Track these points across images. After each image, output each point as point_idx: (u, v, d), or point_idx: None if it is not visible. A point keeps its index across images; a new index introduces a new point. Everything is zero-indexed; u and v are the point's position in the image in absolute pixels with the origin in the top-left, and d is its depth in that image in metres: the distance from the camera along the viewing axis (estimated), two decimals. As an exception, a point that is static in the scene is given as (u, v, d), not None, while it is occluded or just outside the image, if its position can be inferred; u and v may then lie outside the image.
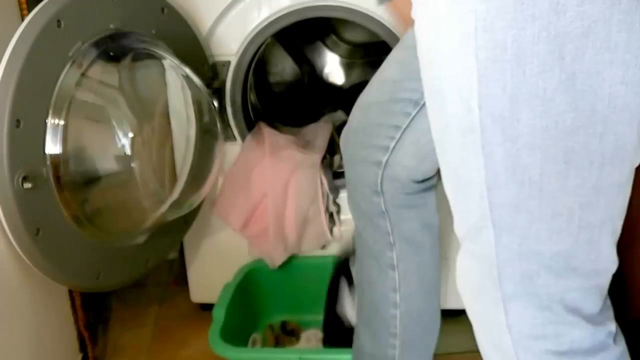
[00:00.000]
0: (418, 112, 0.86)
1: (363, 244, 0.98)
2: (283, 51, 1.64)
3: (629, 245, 1.00)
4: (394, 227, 0.93)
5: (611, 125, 0.55)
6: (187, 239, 1.38)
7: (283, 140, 1.32)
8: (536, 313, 0.62)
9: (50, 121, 0.93)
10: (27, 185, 0.89)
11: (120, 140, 1.09)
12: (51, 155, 0.93)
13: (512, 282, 0.62)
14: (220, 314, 1.19)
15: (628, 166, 0.58)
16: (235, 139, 1.31)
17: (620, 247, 0.63)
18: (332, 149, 1.38)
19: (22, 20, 0.92)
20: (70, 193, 0.96)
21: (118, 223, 1.10)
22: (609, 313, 0.66)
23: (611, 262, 0.63)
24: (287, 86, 1.66)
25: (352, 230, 1.04)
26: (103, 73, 1.05)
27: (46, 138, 0.93)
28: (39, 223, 0.91)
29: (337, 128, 1.43)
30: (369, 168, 0.90)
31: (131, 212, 1.15)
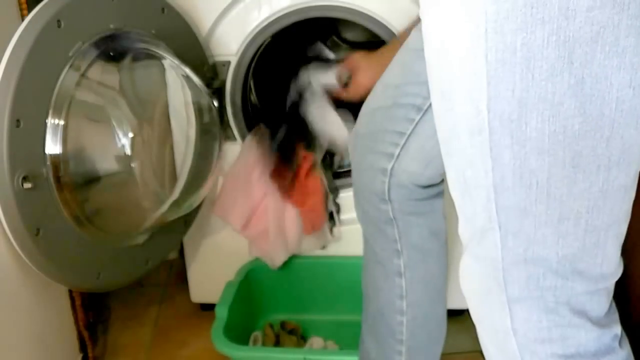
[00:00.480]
0: (421, 118, 0.86)
1: (370, 250, 0.98)
2: (283, 51, 1.64)
3: (632, 248, 1.00)
4: (402, 235, 0.92)
5: (618, 128, 0.55)
6: (187, 239, 1.38)
7: None
8: (542, 316, 0.62)
9: (50, 121, 0.93)
10: (27, 185, 0.88)
11: (120, 140, 1.09)
12: (51, 155, 0.93)
13: (518, 286, 0.62)
14: (223, 312, 1.19)
15: (634, 169, 0.59)
16: (235, 139, 1.31)
17: (623, 250, 0.63)
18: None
19: (22, 20, 0.92)
20: (70, 193, 0.96)
21: (118, 223, 1.10)
22: (615, 316, 0.66)
23: (617, 265, 0.63)
24: (287, 86, 1.66)
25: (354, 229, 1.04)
26: (103, 73, 1.05)
27: (46, 138, 0.93)
28: (39, 223, 0.91)
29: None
30: (376, 176, 0.90)
31: (131, 212, 1.15)
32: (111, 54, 1.05)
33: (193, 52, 1.20)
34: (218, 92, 1.26)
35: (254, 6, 1.21)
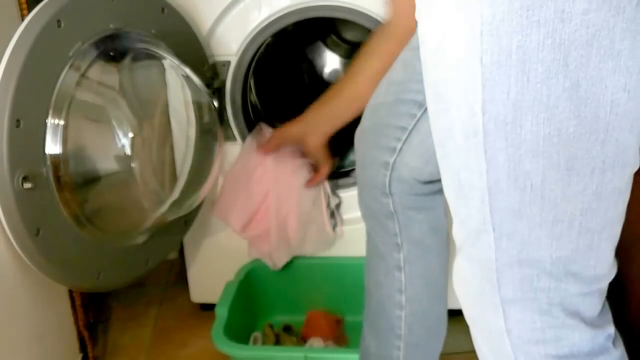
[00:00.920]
0: (423, 114, 0.86)
1: (371, 245, 0.98)
2: (283, 51, 1.64)
3: (629, 250, 1.00)
4: (402, 229, 0.93)
5: (612, 131, 0.55)
6: (187, 239, 1.38)
7: None
8: (535, 317, 0.62)
9: (50, 121, 0.93)
10: (27, 185, 0.88)
11: (120, 140, 1.09)
12: (51, 155, 0.93)
13: (512, 287, 0.62)
14: (223, 312, 1.19)
15: (628, 172, 0.59)
16: (235, 139, 1.31)
17: (619, 248, 0.63)
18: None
19: (22, 20, 0.92)
20: (70, 193, 0.96)
21: (118, 223, 1.10)
22: (608, 316, 0.66)
23: (610, 267, 0.63)
24: (287, 86, 1.66)
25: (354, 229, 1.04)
26: (103, 73, 1.05)
27: (46, 138, 0.93)
28: (39, 223, 0.91)
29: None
30: (378, 170, 0.90)
31: (131, 212, 1.15)
32: (111, 54, 1.05)
33: (193, 52, 1.20)
34: (218, 92, 1.26)
35: (254, 6, 1.21)
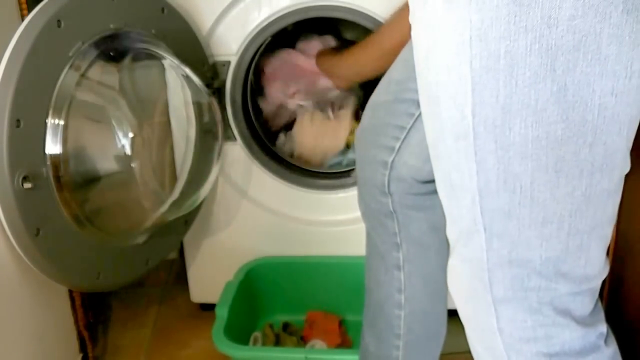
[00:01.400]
0: (421, 113, 0.86)
1: (371, 244, 0.99)
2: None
3: (628, 246, 1.00)
4: (402, 228, 0.93)
5: (600, 134, 0.56)
6: (187, 239, 1.38)
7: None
8: (527, 316, 0.63)
9: (50, 121, 0.93)
10: (27, 185, 0.89)
11: (120, 140, 1.09)
12: (51, 155, 0.93)
13: (503, 286, 0.63)
14: (223, 313, 1.19)
15: (617, 174, 0.60)
16: (235, 139, 1.31)
17: (620, 248, 0.64)
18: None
19: (22, 20, 0.92)
20: (70, 193, 0.96)
21: (118, 223, 1.10)
22: (600, 315, 0.66)
23: (601, 267, 0.64)
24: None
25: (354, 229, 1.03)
26: (103, 73, 1.05)
27: (46, 138, 0.93)
28: (39, 223, 0.91)
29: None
30: (377, 169, 0.91)
31: (131, 212, 1.15)
32: (111, 54, 1.05)
33: (193, 52, 1.20)
34: (218, 92, 1.26)
35: (254, 6, 1.21)
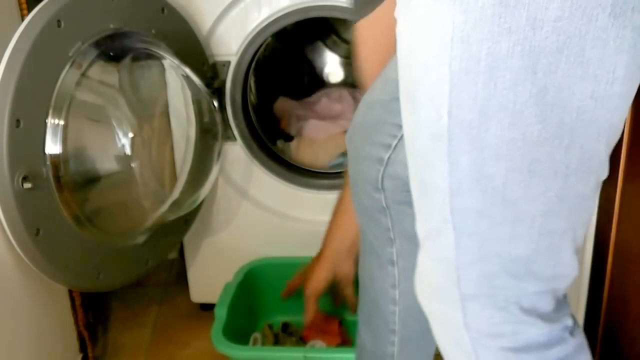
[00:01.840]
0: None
1: (365, 240, 0.98)
2: (283, 51, 1.64)
3: (629, 250, 1.00)
4: (395, 223, 0.93)
5: (578, 138, 0.55)
6: (187, 239, 1.38)
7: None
8: (494, 313, 0.63)
9: (50, 121, 0.93)
10: (27, 185, 0.89)
11: (120, 140, 1.09)
12: (51, 155, 0.93)
13: (472, 284, 0.63)
14: (222, 313, 1.19)
15: (593, 179, 0.59)
16: (235, 139, 1.31)
17: (620, 252, 0.64)
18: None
19: (22, 20, 0.92)
20: (70, 193, 0.96)
21: (118, 223, 1.10)
22: (566, 310, 0.67)
23: (571, 268, 0.64)
24: (287, 86, 1.66)
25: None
26: (103, 73, 1.05)
27: (46, 138, 0.93)
28: (39, 223, 0.91)
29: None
30: (372, 165, 0.91)
31: (131, 212, 1.15)
32: (111, 54, 1.05)
33: (193, 52, 1.20)
34: (218, 92, 1.26)
35: (254, 6, 1.21)
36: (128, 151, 1.10)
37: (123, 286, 1.12)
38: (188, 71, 1.14)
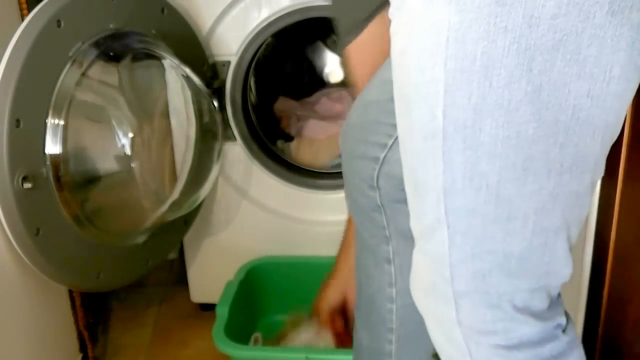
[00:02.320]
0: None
1: (360, 239, 0.98)
2: (283, 51, 1.64)
3: (629, 249, 1.00)
4: (390, 221, 0.93)
5: (572, 136, 0.55)
6: (187, 239, 1.38)
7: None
8: (486, 311, 0.63)
9: (50, 121, 0.93)
10: (27, 185, 0.89)
11: (120, 140, 1.09)
12: (51, 155, 0.93)
13: (464, 281, 0.63)
14: (224, 312, 1.19)
15: (588, 178, 0.59)
16: (235, 139, 1.31)
17: (621, 250, 0.64)
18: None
19: (22, 20, 0.92)
20: (70, 193, 0.96)
21: (118, 223, 1.10)
22: (559, 308, 0.67)
23: (564, 267, 0.64)
24: (287, 86, 1.66)
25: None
26: (103, 73, 1.05)
27: (46, 138, 0.93)
28: (39, 223, 0.91)
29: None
30: (367, 163, 0.91)
31: (131, 212, 1.15)
32: (111, 54, 1.05)
33: (193, 52, 1.20)
34: (218, 92, 1.26)
35: (254, 6, 1.21)
36: (128, 151, 1.10)
37: (123, 286, 1.12)
38: (188, 71, 1.14)
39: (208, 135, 1.24)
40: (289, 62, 1.67)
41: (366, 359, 1.01)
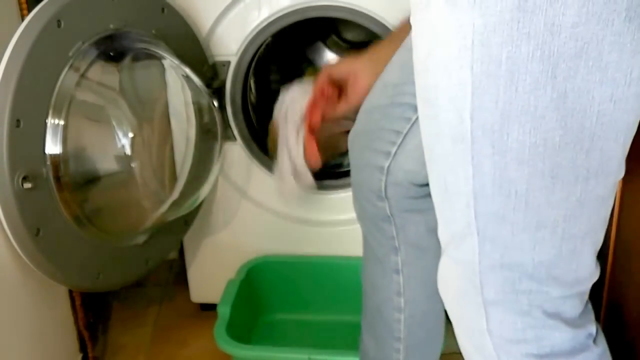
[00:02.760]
0: (418, 117, 0.86)
1: (368, 247, 0.98)
2: (283, 51, 1.64)
3: (629, 248, 1.00)
4: (399, 232, 0.93)
5: (597, 141, 0.56)
6: (187, 239, 1.38)
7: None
8: (517, 318, 0.63)
9: (50, 121, 0.93)
10: (27, 185, 0.89)
11: (120, 140, 1.09)
12: (51, 155, 0.93)
13: (494, 289, 0.63)
14: (225, 311, 1.19)
15: (612, 180, 0.60)
16: (235, 139, 1.31)
17: (620, 250, 0.64)
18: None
19: (22, 20, 0.92)
20: (70, 193, 0.96)
21: (118, 223, 1.10)
22: (590, 316, 0.67)
23: (592, 271, 0.64)
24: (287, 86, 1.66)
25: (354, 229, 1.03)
26: (103, 73, 1.05)
27: (46, 138, 0.93)
28: (39, 223, 0.91)
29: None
30: (373, 173, 0.91)
31: (131, 212, 1.15)
32: (111, 54, 1.05)
33: (193, 52, 1.20)
34: (218, 92, 1.26)
35: (254, 6, 1.21)
36: (128, 151, 1.10)
37: (123, 286, 1.12)
38: (188, 71, 1.14)
39: (208, 135, 1.24)
40: (289, 62, 1.67)
41: (373, 369, 1.01)
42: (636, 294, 1.02)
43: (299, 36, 1.64)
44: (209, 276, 1.40)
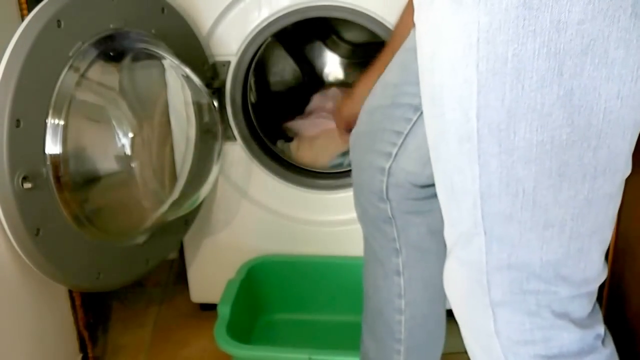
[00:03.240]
0: (419, 118, 0.86)
1: (369, 249, 0.98)
2: (283, 51, 1.64)
3: (629, 246, 1.00)
4: (401, 233, 0.93)
5: (605, 138, 0.55)
6: (187, 239, 1.38)
7: None
8: (524, 319, 0.63)
9: (50, 121, 0.93)
10: (27, 185, 0.89)
11: (120, 140, 1.09)
12: (51, 155, 0.93)
13: (501, 289, 0.63)
14: (225, 311, 1.19)
15: (619, 177, 0.59)
16: (235, 139, 1.31)
17: (620, 249, 0.64)
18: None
19: (22, 20, 0.92)
20: (70, 193, 0.96)
21: (118, 223, 1.10)
22: (598, 316, 0.66)
23: (600, 270, 0.64)
24: (287, 86, 1.66)
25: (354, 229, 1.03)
26: (103, 73, 1.05)
27: (46, 138, 0.93)
28: (39, 223, 0.91)
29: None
30: (374, 175, 0.90)
31: (131, 212, 1.15)
32: (111, 54, 1.05)
33: (193, 52, 1.20)
34: (218, 92, 1.26)
35: (254, 6, 1.21)
36: (128, 151, 1.10)
37: (123, 286, 1.12)
38: (188, 71, 1.14)
39: (208, 135, 1.24)
40: (289, 62, 1.67)
41: (374, 371, 1.01)
42: (637, 291, 1.02)
43: (299, 36, 1.64)
44: (209, 276, 1.40)
